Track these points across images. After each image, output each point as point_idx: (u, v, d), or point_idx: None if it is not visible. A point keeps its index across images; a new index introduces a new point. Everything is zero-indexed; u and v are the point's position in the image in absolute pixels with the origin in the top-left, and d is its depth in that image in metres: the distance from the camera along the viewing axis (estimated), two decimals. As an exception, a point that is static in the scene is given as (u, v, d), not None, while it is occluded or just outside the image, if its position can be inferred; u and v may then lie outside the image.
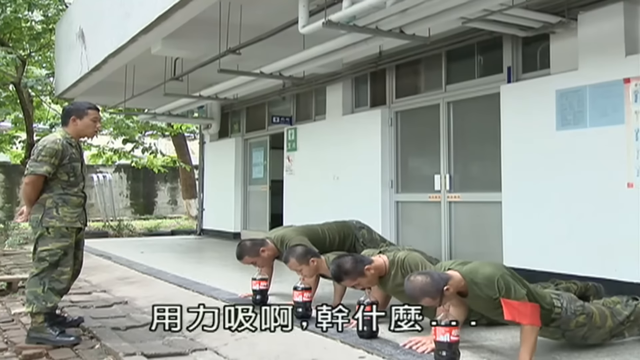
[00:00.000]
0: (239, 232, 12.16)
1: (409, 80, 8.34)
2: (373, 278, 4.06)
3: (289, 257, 4.69)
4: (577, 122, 5.76)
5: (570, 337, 3.61)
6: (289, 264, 4.70)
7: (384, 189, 8.23)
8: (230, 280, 6.52)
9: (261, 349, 4.01)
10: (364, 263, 4.04)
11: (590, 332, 3.60)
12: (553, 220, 5.91)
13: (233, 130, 13.01)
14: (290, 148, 10.32)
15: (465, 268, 3.44)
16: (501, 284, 3.28)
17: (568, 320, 3.50)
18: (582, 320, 3.54)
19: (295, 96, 10.73)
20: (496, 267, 3.40)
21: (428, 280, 3.32)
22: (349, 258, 4.09)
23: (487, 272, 3.34)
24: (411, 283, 3.38)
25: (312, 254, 4.73)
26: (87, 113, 4.47)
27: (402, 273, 4.03)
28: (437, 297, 3.30)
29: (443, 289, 3.30)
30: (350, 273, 3.99)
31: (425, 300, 3.35)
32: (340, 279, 4.04)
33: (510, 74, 6.65)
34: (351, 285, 4.09)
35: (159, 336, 4.46)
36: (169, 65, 9.19)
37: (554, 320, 3.48)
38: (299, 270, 4.66)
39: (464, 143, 7.35)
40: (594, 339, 3.67)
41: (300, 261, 4.65)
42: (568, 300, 3.57)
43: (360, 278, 4.00)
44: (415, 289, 3.34)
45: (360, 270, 4.00)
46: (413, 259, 4.01)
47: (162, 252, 9.77)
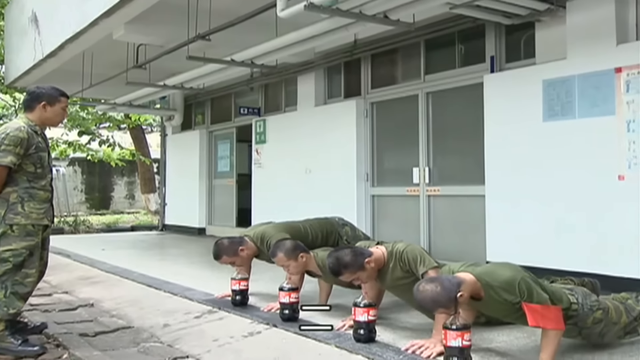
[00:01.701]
0: (204, 227, 11.74)
1: (385, 70, 8.09)
2: (373, 272, 3.78)
3: (277, 252, 4.37)
4: (565, 113, 5.60)
5: (587, 335, 3.41)
6: (276, 259, 4.38)
7: (359, 183, 7.97)
8: (203, 279, 6.16)
9: (248, 356, 3.69)
10: (364, 256, 3.75)
11: (607, 328, 3.40)
12: (540, 215, 5.74)
13: (197, 122, 12.55)
14: (259, 140, 9.95)
15: (480, 270, 3.18)
16: (523, 288, 3.03)
17: (585, 317, 3.29)
18: (599, 316, 3.33)
19: (263, 86, 10.37)
20: (515, 270, 3.15)
21: (439, 290, 3.01)
22: (348, 250, 3.80)
23: (506, 276, 3.09)
24: (421, 294, 3.07)
25: (301, 249, 4.43)
26: (60, 100, 4.06)
27: (401, 266, 3.76)
28: (451, 306, 3.01)
29: (456, 296, 3.01)
30: (349, 267, 3.70)
31: (439, 310, 3.10)
32: (339, 273, 3.73)
33: (493, 64, 6.46)
34: (349, 280, 3.80)
35: (133, 342, 4.11)
36: (132, 52, 8.71)
37: (571, 318, 3.24)
38: (287, 266, 4.36)
39: (444, 135, 7.13)
40: (610, 336, 3.48)
41: (289, 256, 4.34)
42: (583, 296, 3.35)
43: (360, 272, 3.72)
44: (427, 300, 3.05)
45: (361, 263, 3.71)
46: (412, 251, 3.72)
47: (124, 249, 9.28)
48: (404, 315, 4.40)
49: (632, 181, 5.11)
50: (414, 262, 3.68)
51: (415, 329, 3.99)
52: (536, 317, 3.00)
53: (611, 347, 3.55)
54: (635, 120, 5.09)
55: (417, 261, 3.67)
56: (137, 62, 8.65)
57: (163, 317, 4.69)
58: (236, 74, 9.46)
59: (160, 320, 4.64)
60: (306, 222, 5.35)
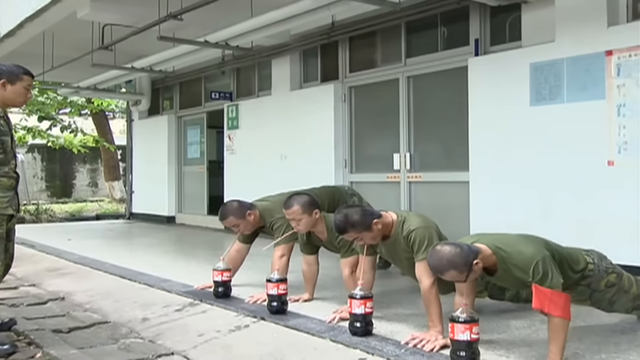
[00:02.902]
0: (173, 215, 11.41)
1: (364, 54, 7.88)
2: (377, 235, 3.60)
3: (294, 204, 4.15)
4: (554, 97, 5.49)
5: (597, 299, 3.32)
6: (290, 210, 4.15)
7: (337, 169, 7.77)
8: (179, 269, 5.91)
9: (239, 352, 3.46)
10: (373, 216, 3.57)
11: (617, 295, 3.33)
12: (526, 201, 5.64)
13: (165, 107, 12.16)
14: (232, 126, 9.66)
15: (499, 244, 3.01)
16: (538, 270, 2.88)
17: (600, 278, 3.22)
18: (613, 280, 3.26)
19: (235, 70, 10.05)
20: (537, 249, 2.96)
21: (457, 251, 2.90)
22: (358, 209, 3.62)
23: (525, 255, 2.93)
24: (437, 253, 2.94)
25: (316, 205, 4.24)
26: (22, 78, 3.71)
27: (405, 242, 3.57)
28: (465, 271, 2.89)
29: (472, 263, 2.89)
30: (356, 225, 3.52)
31: (451, 273, 2.92)
32: (344, 231, 3.56)
33: (477, 47, 6.31)
34: (352, 239, 3.63)
35: (112, 339, 3.85)
36: (96, 32, 8.29)
37: (586, 278, 3.18)
38: (299, 220, 4.14)
39: (426, 120, 6.98)
40: (619, 305, 3.40)
41: (305, 209, 4.13)
42: (599, 257, 3.29)
43: (366, 232, 3.54)
44: (442, 260, 2.91)
45: (368, 223, 3.53)
46: (422, 235, 3.51)
47: (92, 238, 8.90)
48: (396, 306, 4.24)
49: (621, 166, 5.04)
50: (418, 245, 3.50)
51: (410, 321, 3.83)
52: (542, 301, 2.85)
53: (616, 337, 3.45)
54: (625, 105, 5.01)
55: (422, 246, 3.49)
56: (103, 43, 8.24)
57: (141, 311, 4.43)
58: (207, 57, 9.15)
59: (138, 314, 4.38)
60: (312, 190, 5.23)
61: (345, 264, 4.12)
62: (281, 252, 4.50)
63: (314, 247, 4.46)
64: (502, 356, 3.14)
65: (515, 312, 4.04)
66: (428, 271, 3.45)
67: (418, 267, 3.50)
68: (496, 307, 4.04)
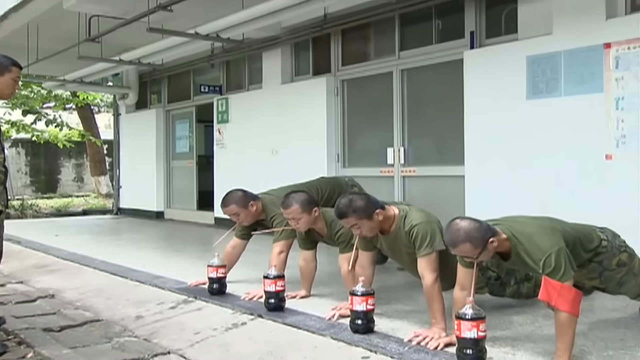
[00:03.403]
0: (162, 211, 11.27)
1: (357, 46, 7.80)
2: (376, 227, 3.52)
3: (293, 203, 4.07)
4: (551, 91, 5.44)
5: (607, 279, 3.27)
6: (289, 210, 4.07)
7: (329, 164, 7.68)
8: (171, 265, 5.80)
9: (238, 350, 3.37)
10: (377, 206, 3.50)
11: (627, 276, 3.29)
12: (523, 196, 5.58)
13: (153, 101, 11.99)
14: (221, 120, 9.53)
15: (516, 232, 2.94)
16: (550, 263, 2.80)
17: (612, 256, 3.19)
18: (624, 259, 3.23)
19: (225, 63, 9.91)
20: (553, 241, 2.87)
21: (476, 225, 2.86)
22: (364, 196, 3.58)
23: (540, 247, 2.85)
24: (455, 224, 2.90)
25: (315, 204, 4.18)
26: (10, 70, 3.58)
27: (407, 237, 3.49)
28: (480, 247, 2.85)
29: (488, 240, 2.86)
30: (358, 211, 3.44)
31: (465, 246, 2.86)
32: (345, 214, 3.48)
33: (473, 40, 6.24)
34: (350, 225, 3.52)
35: (105, 337, 3.74)
36: (83, 24, 8.13)
37: (599, 255, 3.14)
38: (298, 219, 4.07)
39: (421, 114, 6.90)
40: (627, 288, 3.36)
41: (304, 209, 4.06)
42: (612, 235, 3.27)
43: (366, 220, 3.46)
44: (459, 231, 2.86)
45: (371, 212, 3.45)
46: (424, 230, 3.42)
47: (79, 234, 8.75)
48: (395, 302, 4.17)
49: (620, 160, 4.99)
50: (420, 241, 3.41)
51: (411, 317, 3.76)
52: (550, 293, 2.78)
53: (623, 333, 3.40)
54: (624, 98, 4.96)
55: (425, 242, 3.41)
56: (90, 35, 8.08)
57: (134, 308, 4.32)
58: (196, 50, 9.03)
59: (131, 311, 4.27)
60: (311, 182, 5.22)
61: (344, 260, 4.03)
62: (280, 249, 4.42)
63: (312, 242, 4.38)
64: (508, 353, 3.08)
65: (516, 307, 3.99)
66: (431, 267, 3.40)
67: (420, 262, 3.43)
68: (497, 303, 3.98)
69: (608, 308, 3.87)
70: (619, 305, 3.97)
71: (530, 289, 3.93)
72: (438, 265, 3.42)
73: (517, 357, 3.03)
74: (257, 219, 4.75)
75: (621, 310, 3.89)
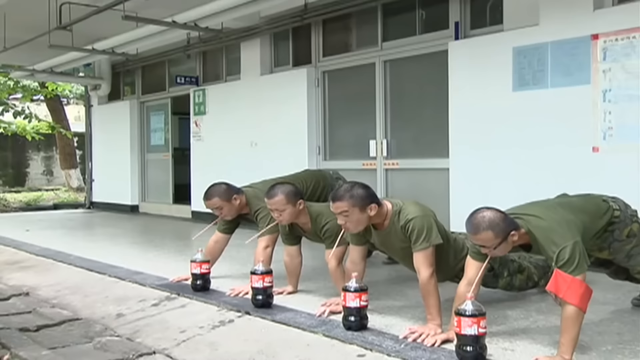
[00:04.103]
0: (136, 204, 11.02)
1: (338, 37, 7.67)
2: (364, 221, 3.40)
3: (278, 193, 3.94)
4: (537, 82, 5.39)
5: (616, 249, 3.25)
6: (273, 200, 3.94)
7: (310, 156, 7.56)
8: (150, 261, 5.64)
9: (227, 349, 3.24)
10: (373, 199, 3.39)
11: (636, 249, 3.27)
12: (508, 189, 5.52)
13: (126, 92, 11.70)
14: (198, 112, 9.33)
15: (533, 227, 2.89)
16: (563, 256, 2.74)
17: (624, 226, 3.19)
18: (635, 230, 3.23)
19: (201, 54, 9.69)
20: (569, 235, 2.81)
21: (501, 216, 2.86)
22: (365, 186, 3.45)
23: (557, 240, 2.79)
24: (480, 212, 2.88)
25: (301, 196, 4.05)
26: None
27: (403, 232, 3.38)
28: (500, 236, 2.82)
29: (510, 233, 2.85)
30: (355, 198, 3.32)
31: (487, 235, 2.82)
32: (341, 198, 3.34)
33: (458, 30, 6.16)
34: (339, 211, 3.37)
35: (85, 337, 3.58)
36: (53, 11, 7.83)
37: (612, 224, 3.15)
38: (282, 210, 3.94)
39: (404, 106, 6.81)
40: (636, 261, 3.33)
41: (288, 200, 3.93)
42: (624, 204, 3.26)
43: (358, 210, 3.33)
44: (484, 218, 2.85)
45: (366, 203, 3.34)
46: (420, 224, 3.31)
47: (52, 229, 8.49)
48: (385, 297, 4.08)
49: (607, 153, 4.97)
50: (417, 235, 3.31)
51: (404, 313, 3.68)
52: (559, 285, 2.72)
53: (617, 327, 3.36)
54: (611, 90, 4.93)
55: (421, 236, 3.31)
56: (61, 23, 7.78)
57: (115, 306, 4.16)
58: (171, 40, 8.80)
59: (111, 309, 4.10)
60: (295, 175, 5.11)
61: (331, 255, 3.92)
62: (265, 243, 4.29)
63: (296, 238, 4.26)
64: (507, 350, 3.01)
65: (508, 301, 3.94)
66: (427, 261, 3.31)
67: (417, 257, 3.33)
68: (488, 297, 3.90)
69: (600, 301, 3.82)
70: (610, 298, 3.94)
71: (523, 281, 3.88)
72: (434, 260, 3.33)
73: (516, 354, 2.95)
74: (241, 213, 4.62)
75: (613, 303, 3.86)
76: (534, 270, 3.94)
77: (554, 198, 3.35)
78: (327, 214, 3.93)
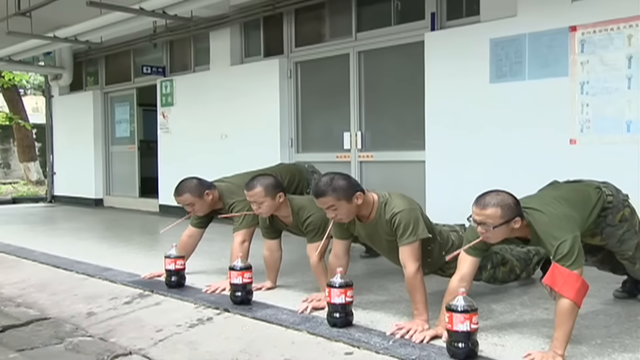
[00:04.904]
0: (101, 198, 10.71)
1: (311, 27, 7.53)
2: (354, 211, 3.30)
3: (257, 185, 3.80)
4: (515, 74, 5.35)
5: (609, 234, 3.22)
6: (252, 192, 3.80)
7: (282, 149, 7.42)
8: (119, 256, 5.45)
9: (208, 349, 3.10)
10: (357, 188, 3.28)
11: (628, 234, 3.24)
12: (485, 181, 5.39)
13: (89, 83, 11.34)
14: (166, 103, 9.08)
15: (534, 217, 2.84)
16: (562, 250, 2.69)
17: (617, 211, 3.17)
18: (627, 215, 3.21)
19: (168, 43, 9.43)
20: (569, 229, 2.77)
21: (512, 199, 2.83)
22: (345, 176, 3.33)
23: (556, 234, 2.74)
24: (495, 191, 2.87)
25: (282, 188, 3.91)
26: None
27: (389, 225, 3.28)
28: (506, 217, 2.78)
29: (515, 217, 2.79)
30: (338, 191, 3.21)
31: (495, 211, 2.77)
32: (324, 193, 3.23)
33: (434, 21, 6.09)
34: (326, 206, 3.28)
35: (55, 338, 3.39)
36: (11, -4, 7.50)
37: (606, 210, 3.13)
38: (261, 202, 3.79)
39: (379, 97, 6.72)
40: (627, 246, 3.30)
41: (268, 192, 3.79)
42: (615, 189, 3.24)
43: (344, 202, 3.23)
44: (497, 195, 2.82)
45: (351, 193, 3.23)
46: (407, 218, 3.22)
47: (12, 224, 8.16)
48: (367, 292, 3.99)
49: (584, 145, 4.96)
50: (403, 229, 3.22)
51: (388, 309, 3.60)
52: (556, 279, 2.67)
53: (603, 321, 3.34)
54: (589, 82, 4.92)
55: (407, 230, 3.21)
56: (20, 8, 7.46)
57: (85, 304, 3.97)
58: (137, 28, 8.53)
59: (81, 308, 3.91)
60: (271, 168, 4.95)
61: (313, 249, 3.80)
62: (242, 238, 4.16)
63: (277, 231, 4.13)
64: (497, 345, 2.94)
65: (491, 294, 3.91)
66: (413, 256, 3.23)
67: (403, 251, 3.24)
68: (471, 290, 3.84)
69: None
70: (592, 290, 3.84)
71: (506, 273, 3.85)
72: (420, 254, 3.25)
73: (507, 349, 2.90)
74: (214, 209, 4.46)
75: (595, 295, 3.81)
76: (516, 262, 3.91)
77: (547, 189, 3.30)
78: (309, 207, 3.82)
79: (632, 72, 4.71)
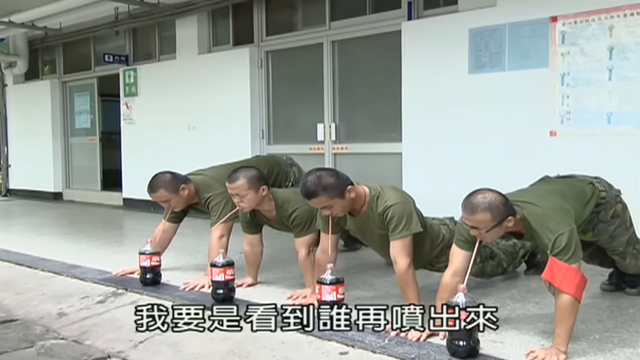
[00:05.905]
0: (60, 191, 10.30)
1: (283, 15, 7.34)
2: (348, 206, 3.17)
3: (239, 177, 3.61)
4: (494, 65, 5.30)
5: (600, 230, 3.16)
6: (234, 184, 3.61)
7: (253, 141, 7.23)
8: (85, 253, 5.20)
9: (193, 350, 2.92)
10: (347, 182, 3.15)
11: (620, 230, 3.20)
12: (464, 173, 5.43)
13: (46, 71, 10.89)
14: (129, 93, 8.76)
15: (528, 211, 2.74)
16: (559, 244, 2.60)
17: (610, 207, 3.11)
18: (619, 210, 3.16)
19: (131, 31, 9.09)
20: (565, 222, 2.69)
21: (502, 200, 2.69)
22: (332, 172, 3.19)
23: (552, 228, 2.65)
24: (481, 192, 2.71)
25: (265, 182, 3.72)
26: None
27: (381, 219, 3.16)
28: (497, 220, 2.66)
29: (507, 218, 2.68)
30: (329, 189, 3.07)
31: (485, 216, 2.64)
32: (315, 194, 3.08)
33: (410, 10, 5.98)
34: (321, 206, 3.15)
35: (25, 341, 3.17)
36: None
37: (599, 205, 3.07)
38: (243, 195, 3.61)
39: (354, 88, 6.59)
40: (619, 242, 3.26)
41: (251, 185, 3.60)
42: (607, 185, 3.18)
43: (338, 199, 3.10)
44: (485, 199, 2.67)
45: (342, 189, 3.10)
46: (399, 212, 3.10)
47: (-35, 219, 7.77)
48: (353, 288, 3.83)
49: (564, 137, 4.95)
50: (395, 223, 3.10)
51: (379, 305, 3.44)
52: (555, 274, 2.59)
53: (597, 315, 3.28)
54: (570, 73, 4.90)
55: (400, 224, 3.09)
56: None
57: (54, 304, 3.74)
58: (98, 15, 8.24)
59: (51, 308, 3.68)
60: (248, 160, 4.78)
61: (301, 244, 3.66)
62: (220, 233, 3.97)
63: (258, 226, 3.97)
64: (496, 342, 2.85)
65: (478, 289, 3.81)
66: (405, 251, 3.11)
67: (394, 246, 3.12)
68: (459, 285, 3.77)
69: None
70: None
71: (494, 267, 3.79)
72: (412, 249, 3.14)
73: (506, 346, 2.81)
74: (190, 203, 4.26)
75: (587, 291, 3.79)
76: (503, 256, 3.86)
77: (539, 184, 3.23)
78: (294, 201, 3.66)
79: (613, 63, 4.71)
